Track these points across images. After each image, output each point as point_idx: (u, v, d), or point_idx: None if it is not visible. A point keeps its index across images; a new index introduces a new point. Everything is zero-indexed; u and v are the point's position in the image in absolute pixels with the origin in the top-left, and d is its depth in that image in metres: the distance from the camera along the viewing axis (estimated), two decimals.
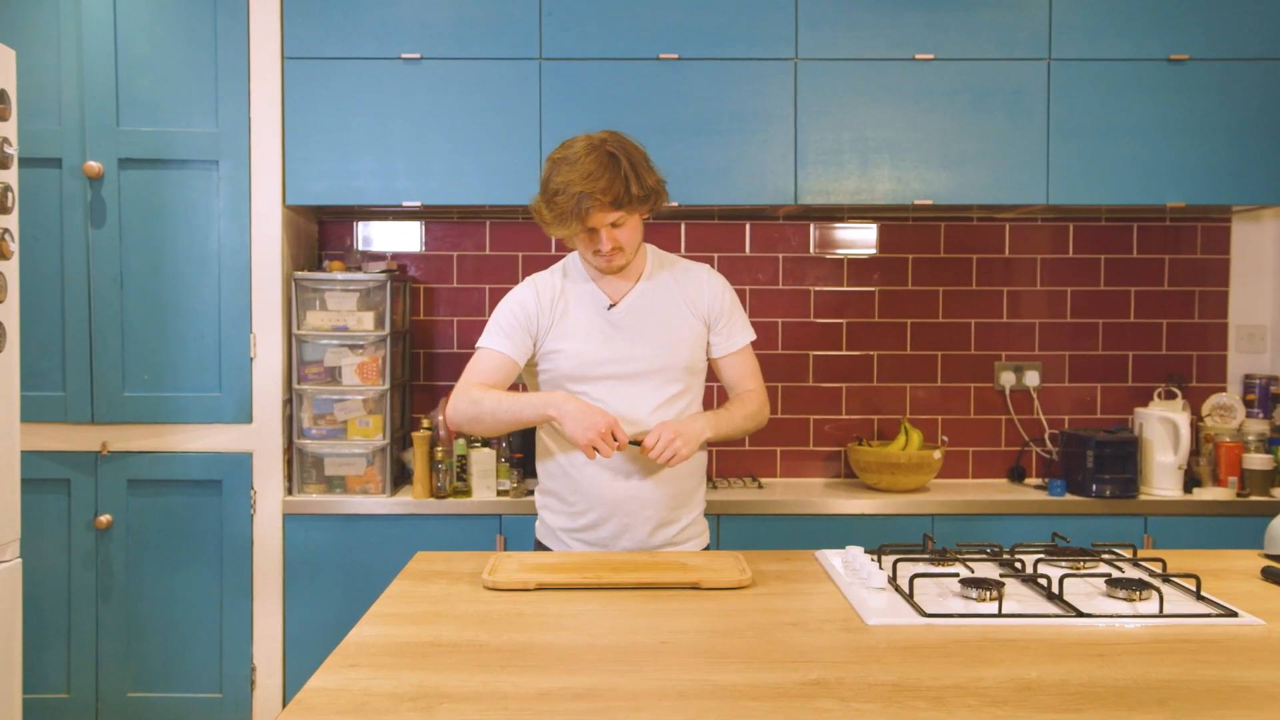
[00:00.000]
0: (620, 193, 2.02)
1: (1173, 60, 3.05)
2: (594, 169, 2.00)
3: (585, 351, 2.15)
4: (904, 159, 3.07)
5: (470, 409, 2.11)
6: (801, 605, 1.74)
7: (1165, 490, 3.12)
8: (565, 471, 2.19)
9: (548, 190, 2.05)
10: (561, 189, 2.01)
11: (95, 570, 3.00)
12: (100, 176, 2.95)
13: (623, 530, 2.16)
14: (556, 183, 2.02)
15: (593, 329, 2.16)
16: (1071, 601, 1.69)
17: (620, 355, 2.15)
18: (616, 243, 2.09)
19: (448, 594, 1.81)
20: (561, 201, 2.01)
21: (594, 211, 2.02)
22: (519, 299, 2.20)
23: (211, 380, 3.01)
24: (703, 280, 2.25)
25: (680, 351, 2.18)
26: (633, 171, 2.03)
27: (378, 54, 3.02)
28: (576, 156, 2.02)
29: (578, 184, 1.99)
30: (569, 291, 2.19)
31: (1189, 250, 3.45)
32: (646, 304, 2.19)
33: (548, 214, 2.05)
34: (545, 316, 2.17)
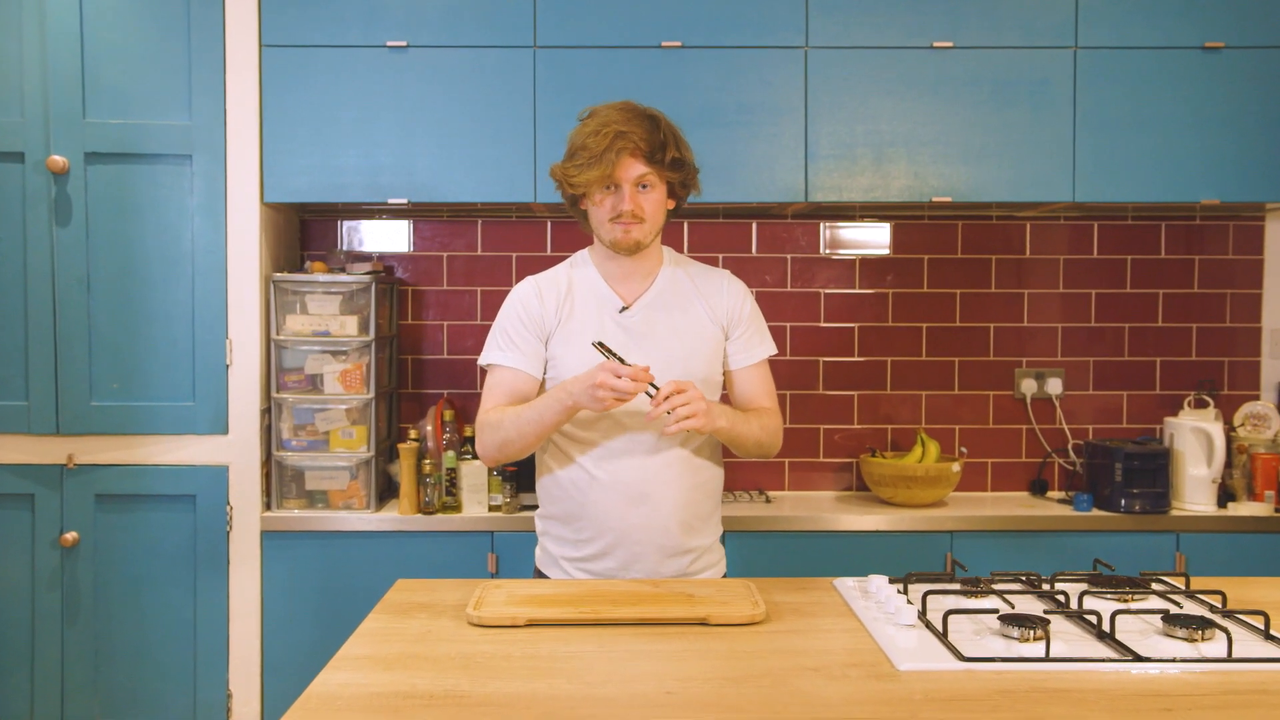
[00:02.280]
0: (656, 145, 1.89)
1: (1207, 48, 2.88)
2: (633, 117, 1.90)
3: (593, 359, 1.94)
4: (921, 153, 2.90)
5: (494, 436, 1.94)
6: (822, 645, 1.56)
7: (1198, 505, 2.94)
8: (568, 493, 2.00)
9: (577, 139, 1.91)
10: (597, 130, 1.87)
11: (60, 591, 2.83)
12: (65, 172, 2.78)
13: (632, 560, 1.97)
14: (592, 125, 1.89)
15: (600, 333, 1.96)
16: (1125, 642, 1.51)
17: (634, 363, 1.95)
18: (639, 208, 1.91)
19: (428, 631, 1.63)
20: (593, 144, 1.86)
21: (625, 156, 1.87)
22: (520, 299, 2.01)
23: (185, 389, 2.84)
24: (723, 284, 2.07)
25: (697, 362, 2.00)
26: (671, 134, 1.93)
27: (362, 42, 2.85)
28: (615, 106, 1.92)
29: (610, 125, 1.87)
30: (576, 290, 2.01)
31: (1220, 250, 3.27)
32: (662, 307, 2.01)
33: (573, 169, 1.90)
34: (550, 316, 1.99)
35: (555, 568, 2.04)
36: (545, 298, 1.99)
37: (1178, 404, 3.22)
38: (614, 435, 1.95)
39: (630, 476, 1.95)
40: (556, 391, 1.88)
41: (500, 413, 1.94)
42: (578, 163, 1.89)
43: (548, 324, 1.98)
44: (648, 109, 1.94)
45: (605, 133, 1.86)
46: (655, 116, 1.93)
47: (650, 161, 1.89)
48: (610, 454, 1.95)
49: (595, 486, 1.96)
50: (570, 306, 1.99)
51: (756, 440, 2.02)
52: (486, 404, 1.99)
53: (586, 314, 1.98)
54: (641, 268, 2.02)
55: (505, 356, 1.98)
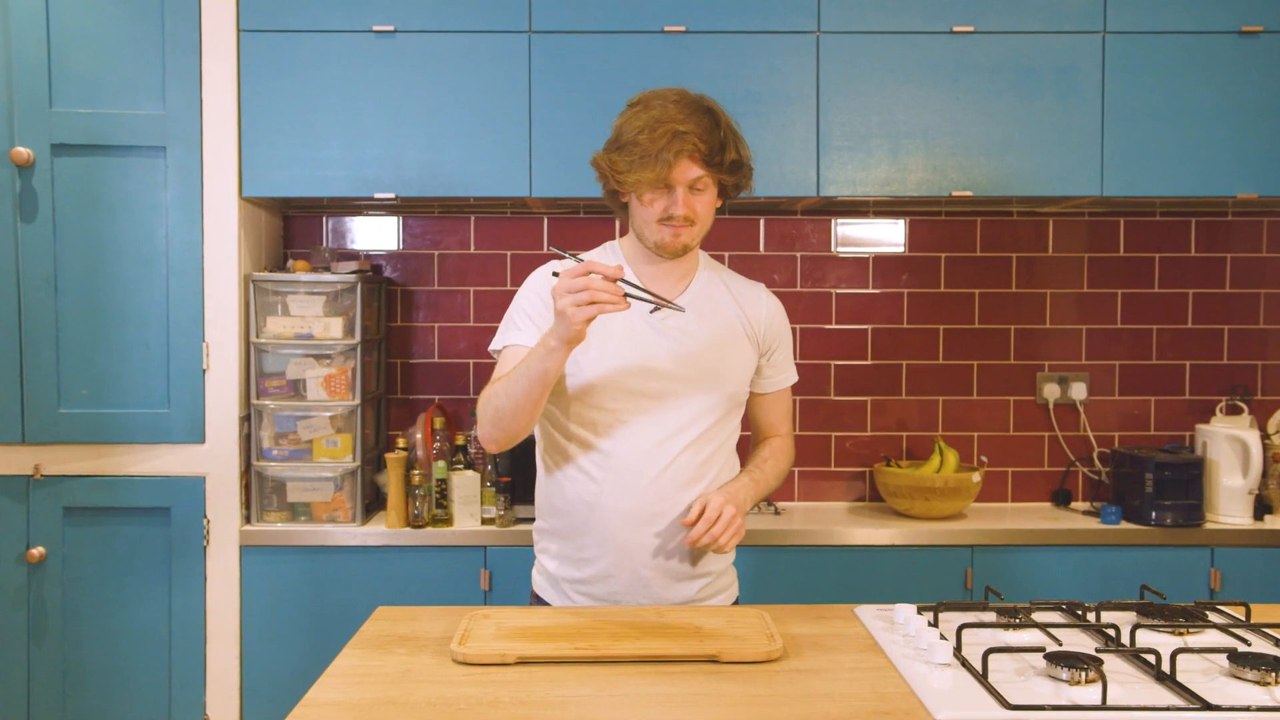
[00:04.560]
0: (715, 146, 1.71)
1: (1244, 32, 2.71)
2: (692, 113, 1.71)
3: (617, 358, 1.77)
4: (940, 145, 2.73)
5: (487, 409, 1.74)
6: (847, 689, 1.39)
7: (1233, 518, 2.78)
8: (572, 505, 1.82)
9: (625, 135, 1.72)
10: (652, 126, 1.68)
11: (27, 609, 2.68)
12: (30, 164, 2.62)
13: (638, 584, 1.79)
14: (646, 118, 1.70)
15: (629, 332, 1.78)
16: (1189, 685, 1.35)
17: (658, 370, 1.78)
18: (692, 211, 1.74)
19: (407, 670, 1.46)
20: (646, 141, 1.68)
21: (683, 158, 1.69)
22: (538, 284, 1.83)
23: (159, 395, 2.69)
24: (762, 299, 1.91)
25: (728, 377, 1.84)
26: (730, 132, 1.76)
27: (346, 26, 2.69)
28: (670, 97, 1.73)
29: (666, 122, 1.68)
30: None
31: (1253, 248, 3.11)
32: (696, 312, 1.83)
33: (623, 163, 1.71)
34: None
35: (554, 590, 1.87)
36: None
37: (1208, 410, 3.06)
38: (624, 445, 1.78)
39: (641, 494, 1.77)
40: (539, 350, 1.65)
41: (491, 385, 1.76)
42: (629, 159, 1.70)
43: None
44: (704, 100, 1.76)
45: (662, 130, 1.68)
46: (714, 111, 1.75)
47: (708, 164, 1.72)
48: (619, 468, 1.78)
49: (602, 500, 1.78)
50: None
51: (774, 488, 1.94)
52: (494, 379, 1.80)
53: (611, 316, 1.76)
54: (679, 268, 1.85)
55: (521, 335, 1.79)
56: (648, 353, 1.78)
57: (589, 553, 1.81)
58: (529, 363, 1.67)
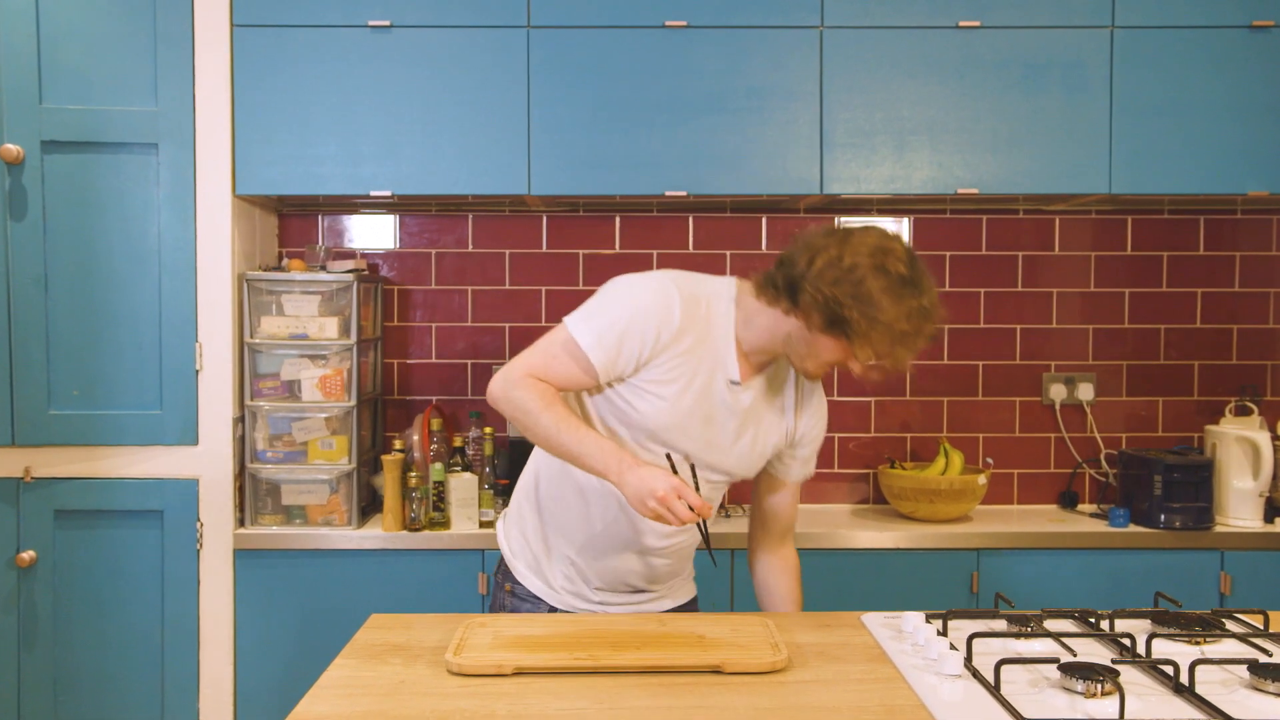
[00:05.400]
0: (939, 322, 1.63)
1: (1255, 27, 2.67)
2: (935, 300, 1.61)
3: (681, 416, 1.69)
4: (945, 142, 2.69)
5: (516, 413, 1.66)
6: (855, 701, 1.35)
7: (1244, 521, 2.73)
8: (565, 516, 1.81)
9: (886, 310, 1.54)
10: (917, 315, 1.56)
11: (17, 614, 2.63)
12: (20, 161, 2.57)
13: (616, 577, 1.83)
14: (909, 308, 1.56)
15: (703, 394, 1.70)
16: (1208, 698, 1.30)
17: (710, 440, 1.73)
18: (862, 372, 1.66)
19: (401, 682, 1.42)
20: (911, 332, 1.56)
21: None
22: (657, 307, 1.65)
23: (151, 396, 2.64)
24: (817, 405, 1.84)
25: (756, 464, 1.81)
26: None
27: (341, 21, 2.64)
28: (923, 281, 1.59)
29: (934, 321, 1.59)
30: (708, 336, 1.69)
31: (1263, 246, 3.06)
32: (762, 397, 1.76)
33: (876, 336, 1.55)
34: (674, 346, 1.66)
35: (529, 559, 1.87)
36: (680, 335, 1.66)
37: (1217, 411, 3.01)
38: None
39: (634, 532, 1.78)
40: (610, 455, 1.60)
41: (544, 400, 1.64)
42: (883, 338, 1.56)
43: (663, 356, 1.67)
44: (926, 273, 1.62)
45: (925, 330, 1.59)
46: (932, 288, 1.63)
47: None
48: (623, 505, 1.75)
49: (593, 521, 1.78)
50: (692, 353, 1.68)
51: None
52: (533, 363, 1.68)
53: (700, 369, 1.69)
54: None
55: (593, 348, 1.65)
56: (706, 422, 1.71)
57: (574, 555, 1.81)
58: (579, 454, 1.62)
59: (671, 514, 1.54)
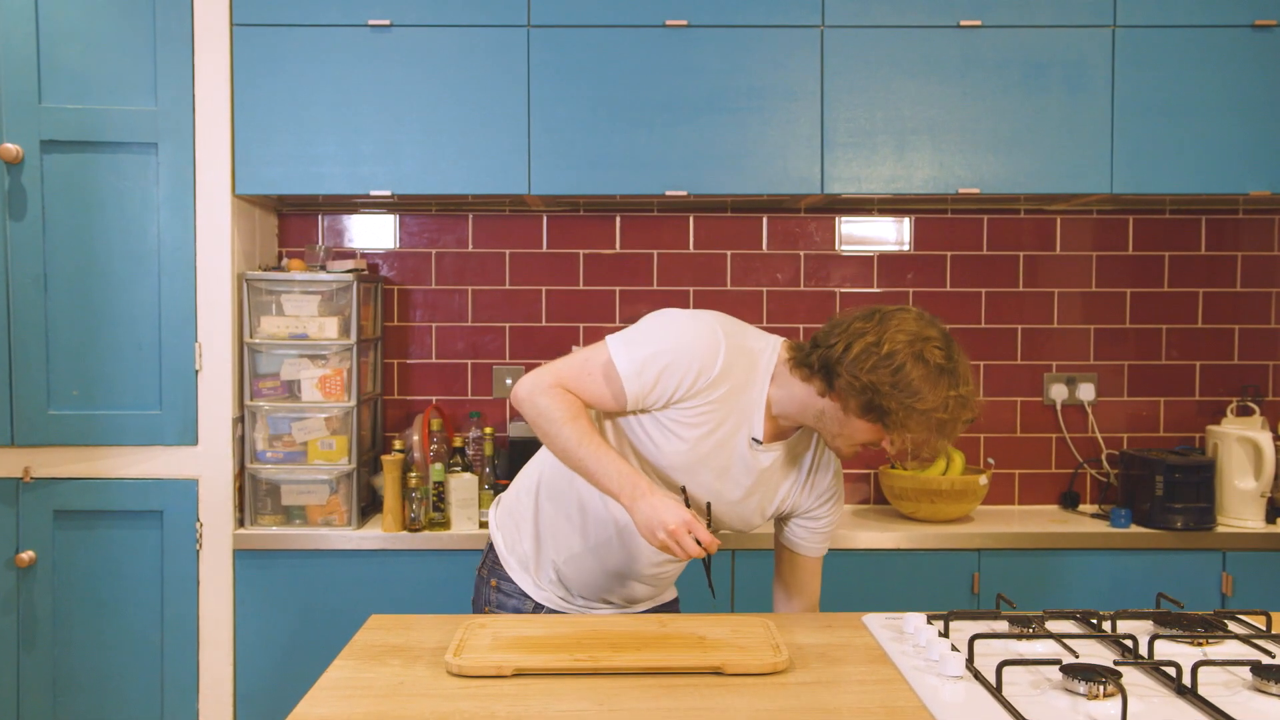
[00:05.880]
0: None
1: (1257, 26, 2.66)
2: (972, 387, 1.59)
3: (697, 461, 1.69)
4: (946, 142, 2.68)
5: (539, 420, 1.66)
6: (857, 703, 1.34)
7: (1246, 521, 2.73)
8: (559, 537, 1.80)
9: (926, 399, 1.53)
10: (954, 404, 1.55)
11: (16, 614, 2.63)
12: (20, 161, 2.57)
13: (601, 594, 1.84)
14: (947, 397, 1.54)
15: (723, 446, 1.69)
16: (1211, 699, 1.30)
17: (721, 493, 1.72)
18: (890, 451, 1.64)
19: (401, 683, 1.41)
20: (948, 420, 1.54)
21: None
22: (703, 351, 1.64)
23: (150, 396, 2.63)
24: (834, 487, 1.82)
25: (754, 523, 1.81)
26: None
27: (341, 20, 2.64)
28: (960, 368, 1.58)
29: (968, 409, 1.57)
30: (741, 392, 1.68)
31: (1265, 246, 3.06)
32: (783, 462, 1.75)
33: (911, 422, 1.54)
34: (707, 392, 1.65)
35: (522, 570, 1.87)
36: (719, 382, 1.64)
37: (1218, 411, 3.00)
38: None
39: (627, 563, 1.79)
40: (625, 479, 1.59)
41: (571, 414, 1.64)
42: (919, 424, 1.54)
43: (691, 399, 1.65)
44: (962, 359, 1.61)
45: (962, 418, 1.56)
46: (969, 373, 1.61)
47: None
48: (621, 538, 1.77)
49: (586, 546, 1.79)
50: (723, 404, 1.67)
51: None
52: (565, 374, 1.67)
53: (726, 422, 1.68)
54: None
55: (631, 377, 1.64)
56: (721, 474, 1.71)
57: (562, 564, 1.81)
58: (597, 474, 1.61)
59: (679, 547, 1.54)
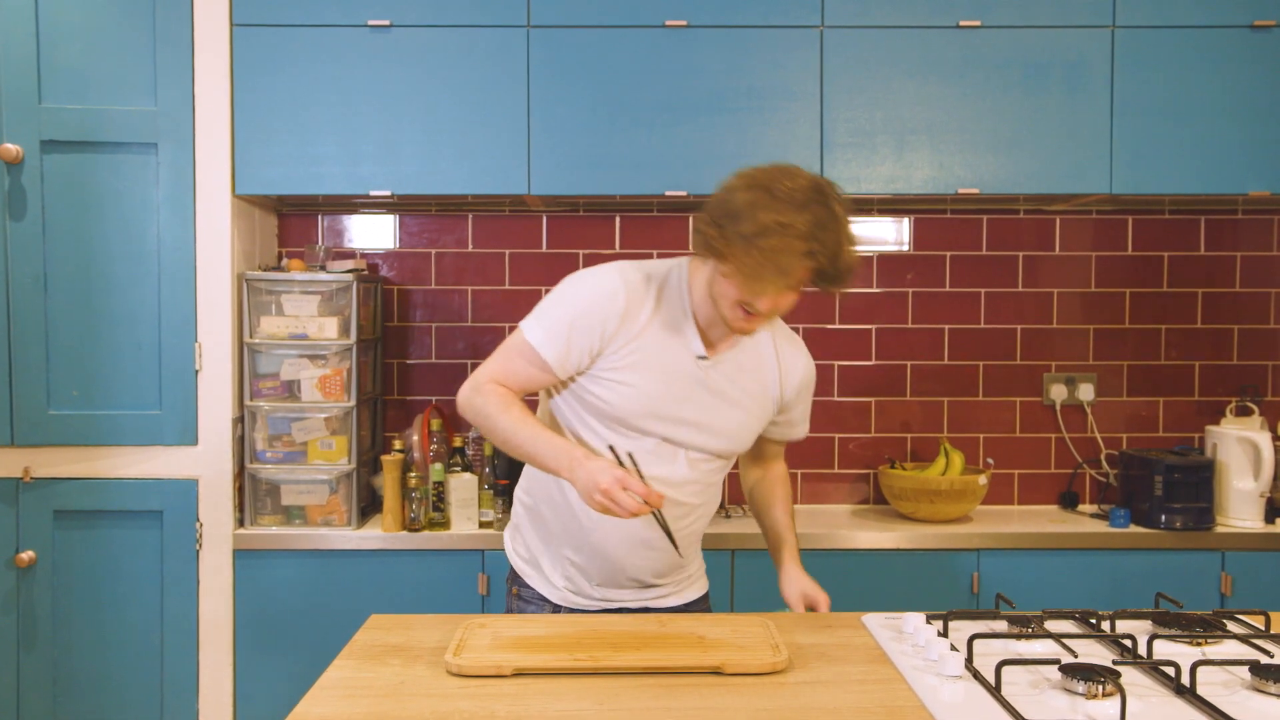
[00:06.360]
0: (830, 261, 1.55)
1: (1256, 27, 2.66)
2: (821, 224, 1.53)
3: (651, 400, 1.68)
4: (946, 142, 2.68)
5: (479, 419, 1.70)
6: (856, 702, 1.34)
7: (1245, 521, 2.73)
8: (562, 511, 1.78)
9: (747, 222, 1.52)
10: (777, 231, 1.50)
11: (16, 614, 2.63)
12: (19, 161, 2.57)
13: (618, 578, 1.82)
14: (772, 222, 1.50)
15: (669, 375, 1.69)
16: (1210, 699, 1.30)
17: (687, 419, 1.72)
18: (776, 310, 1.63)
19: (401, 682, 1.41)
20: (771, 250, 1.50)
21: (798, 274, 1.55)
22: (599, 301, 1.67)
23: (150, 396, 2.63)
24: (800, 363, 1.84)
25: (747, 436, 1.81)
26: (849, 244, 1.57)
27: (341, 20, 2.64)
28: (799, 198, 1.53)
29: (801, 238, 1.51)
30: (662, 313, 1.70)
31: (1264, 246, 3.06)
32: (738, 368, 1.76)
33: (740, 253, 1.53)
34: (622, 334, 1.67)
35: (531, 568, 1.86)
36: (627, 317, 1.67)
37: (1218, 411, 3.00)
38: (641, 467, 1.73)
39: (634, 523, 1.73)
40: (561, 453, 1.61)
41: (503, 404, 1.67)
42: (746, 261, 1.53)
43: (615, 343, 1.67)
44: (830, 202, 1.55)
45: (794, 249, 1.51)
46: (839, 221, 1.55)
47: (818, 282, 1.59)
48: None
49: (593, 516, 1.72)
50: (648, 333, 1.69)
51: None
52: (496, 371, 1.71)
53: (662, 348, 1.69)
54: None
55: (544, 344, 1.67)
56: (679, 401, 1.71)
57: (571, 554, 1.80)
58: (534, 454, 1.64)
59: (618, 505, 1.53)
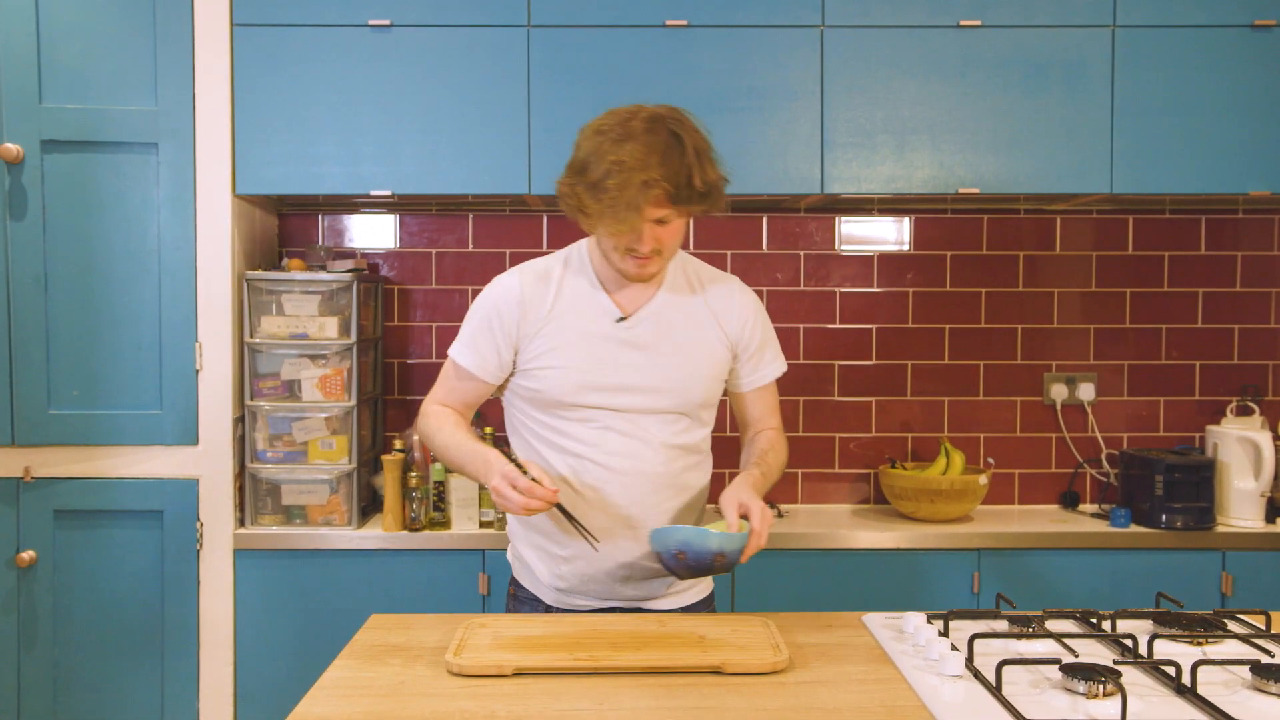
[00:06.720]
0: (681, 184, 1.60)
1: (1256, 26, 2.66)
2: (655, 151, 1.59)
3: (580, 374, 1.72)
4: (946, 141, 2.68)
5: (425, 441, 1.85)
6: (856, 701, 1.34)
7: (1245, 521, 2.73)
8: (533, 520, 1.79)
9: (592, 170, 1.61)
10: (615, 170, 1.57)
11: (17, 614, 2.63)
12: (20, 161, 2.57)
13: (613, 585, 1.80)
14: (609, 163, 1.58)
15: (592, 345, 1.73)
16: (1210, 699, 1.30)
17: (624, 383, 1.73)
18: (658, 245, 1.66)
19: (402, 682, 1.41)
20: (614, 188, 1.57)
21: (650, 205, 1.60)
22: (495, 297, 1.78)
23: (151, 396, 2.63)
24: (734, 298, 1.84)
25: (696, 384, 1.78)
26: (697, 160, 1.62)
27: (341, 20, 2.64)
28: (633, 131, 1.60)
29: (637, 169, 1.57)
30: (567, 290, 1.76)
31: (1264, 246, 3.06)
32: (665, 320, 1.77)
33: (591, 202, 1.61)
34: (530, 320, 1.75)
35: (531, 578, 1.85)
36: (528, 304, 1.75)
37: (1218, 411, 3.00)
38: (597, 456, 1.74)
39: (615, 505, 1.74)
40: (478, 460, 1.69)
41: (439, 421, 1.80)
42: (598, 204, 1.60)
43: (523, 330, 1.75)
44: (671, 123, 1.63)
45: (631, 179, 1.57)
46: (681, 139, 1.62)
47: (675, 202, 1.62)
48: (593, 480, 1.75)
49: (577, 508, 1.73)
50: (559, 308, 1.75)
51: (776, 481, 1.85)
52: (436, 391, 1.85)
53: (579, 322, 1.75)
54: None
55: (462, 356, 1.80)
56: (610, 368, 1.73)
57: (565, 552, 1.78)
58: (463, 464, 1.73)
59: (508, 501, 1.59)
